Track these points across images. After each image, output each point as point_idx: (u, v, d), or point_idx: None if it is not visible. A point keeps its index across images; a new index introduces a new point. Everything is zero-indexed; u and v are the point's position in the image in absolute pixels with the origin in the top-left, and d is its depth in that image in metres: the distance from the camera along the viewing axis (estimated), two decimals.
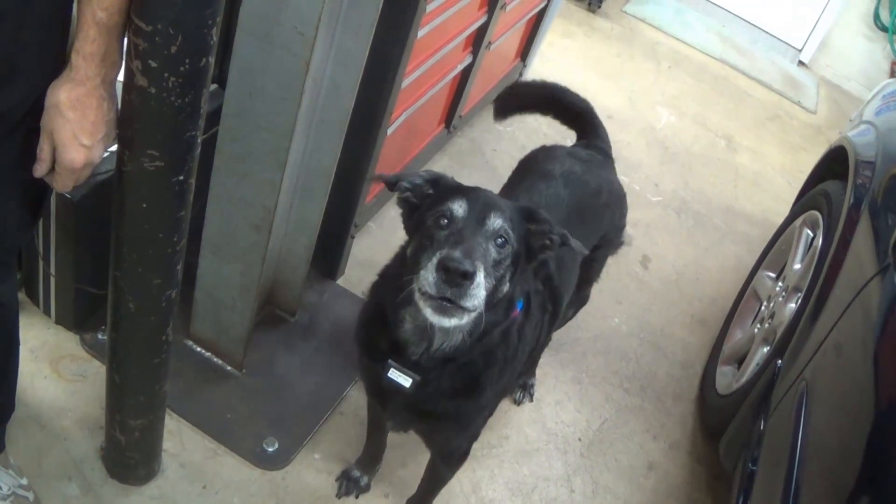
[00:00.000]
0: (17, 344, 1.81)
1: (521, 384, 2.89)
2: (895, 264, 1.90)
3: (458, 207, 1.61)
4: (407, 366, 1.77)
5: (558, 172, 2.28)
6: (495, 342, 1.77)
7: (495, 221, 1.60)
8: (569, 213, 2.20)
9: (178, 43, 1.32)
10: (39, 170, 1.44)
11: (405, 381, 1.77)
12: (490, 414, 2.04)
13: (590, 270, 2.47)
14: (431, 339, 1.70)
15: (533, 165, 2.41)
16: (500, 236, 1.60)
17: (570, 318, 2.72)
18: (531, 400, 2.89)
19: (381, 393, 1.89)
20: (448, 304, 1.51)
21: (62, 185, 1.46)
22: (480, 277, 1.50)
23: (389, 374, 1.77)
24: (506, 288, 1.65)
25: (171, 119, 1.43)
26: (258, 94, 1.98)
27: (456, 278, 1.47)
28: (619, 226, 2.52)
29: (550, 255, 1.78)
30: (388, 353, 1.78)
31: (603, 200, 2.38)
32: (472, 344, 1.71)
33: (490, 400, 1.92)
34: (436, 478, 2.24)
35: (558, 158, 2.37)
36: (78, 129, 1.38)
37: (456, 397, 1.83)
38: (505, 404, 2.85)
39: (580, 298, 2.61)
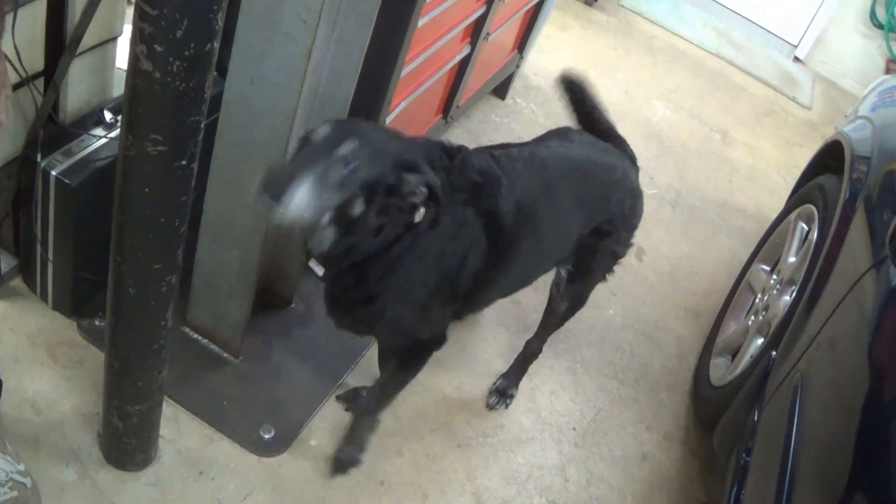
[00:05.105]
0: None
1: (499, 390, 2.81)
2: (892, 256, 1.91)
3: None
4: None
5: (578, 139, 2.27)
6: (393, 257, 1.87)
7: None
8: (570, 171, 2.17)
9: (183, 27, 1.32)
10: None
11: (319, 269, 1.94)
12: (415, 323, 2.10)
13: (590, 261, 2.41)
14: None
15: (559, 131, 2.41)
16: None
17: (564, 313, 2.67)
18: (506, 407, 2.82)
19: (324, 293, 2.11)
20: None
21: None
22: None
23: (310, 263, 1.95)
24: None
25: (175, 104, 1.43)
26: (260, 81, 1.97)
27: None
28: (630, 223, 2.45)
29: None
30: None
31: (615, 177, 2.32)
32: (342, 253, 1.82)
33: (397, 309, 2.02)
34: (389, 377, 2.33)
35: (587, 136, 2.36)
36: None
37: (360, 303, 2.01)
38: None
39: (574, 294, 2.56)
